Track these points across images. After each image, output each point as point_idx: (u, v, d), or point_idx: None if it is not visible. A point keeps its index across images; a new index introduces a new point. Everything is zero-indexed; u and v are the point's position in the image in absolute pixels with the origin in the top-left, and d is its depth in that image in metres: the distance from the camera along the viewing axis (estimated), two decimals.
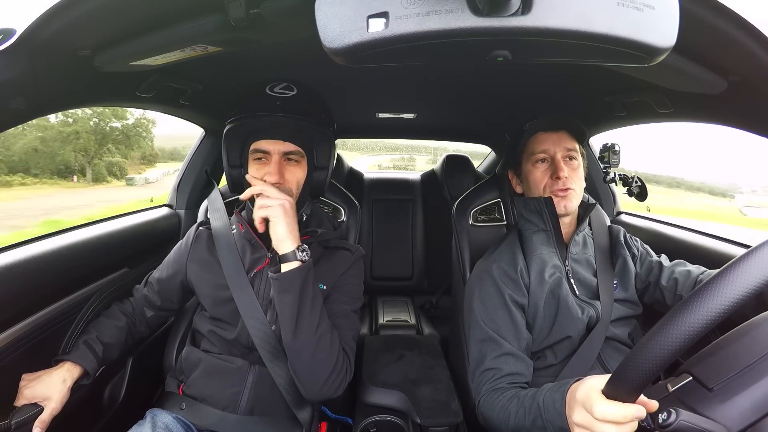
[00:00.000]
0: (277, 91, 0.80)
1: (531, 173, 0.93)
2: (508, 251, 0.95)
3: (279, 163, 0.82)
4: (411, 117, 1.68)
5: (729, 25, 0.53)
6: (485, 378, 0.84)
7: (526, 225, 0.96)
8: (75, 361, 0.80)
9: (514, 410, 0.72)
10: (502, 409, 0.75)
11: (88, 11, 0.53)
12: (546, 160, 0.91)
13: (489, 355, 0.85)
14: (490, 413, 0.78)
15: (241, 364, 0.84)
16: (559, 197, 0.89)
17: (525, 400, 0.71)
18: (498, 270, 0.91)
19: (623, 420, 0.45)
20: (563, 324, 0.86)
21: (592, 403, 0.48)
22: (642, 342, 0.41)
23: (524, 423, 0.69)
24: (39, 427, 0.72)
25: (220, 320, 0.87)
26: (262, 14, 0.55)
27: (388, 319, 1.64)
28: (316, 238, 0.90)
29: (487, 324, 0.88)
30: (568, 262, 0.91)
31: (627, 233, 1.01)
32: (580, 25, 0.39)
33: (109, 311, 0.94)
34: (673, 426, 0.43)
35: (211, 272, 0.88)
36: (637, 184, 1.12)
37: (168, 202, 1.39)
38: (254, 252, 0.88)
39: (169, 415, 0.82)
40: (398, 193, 2.16)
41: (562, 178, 0.88)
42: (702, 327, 0.37)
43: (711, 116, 0.85)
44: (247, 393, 0.83)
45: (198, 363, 0.87)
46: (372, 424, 0.90)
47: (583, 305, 0.87)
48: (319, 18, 0.41)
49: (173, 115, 1.16)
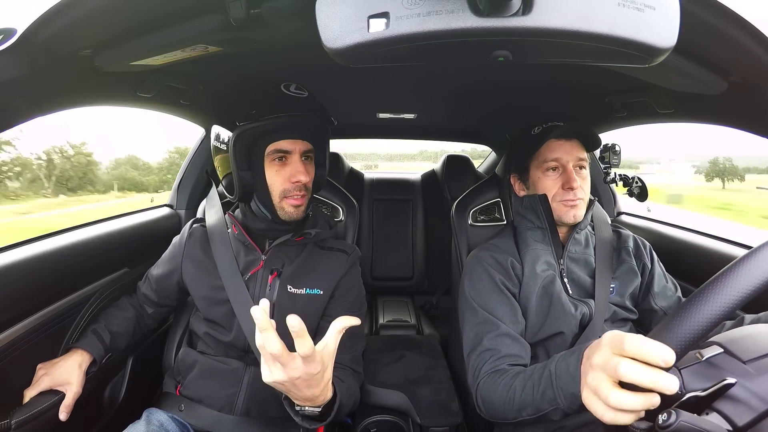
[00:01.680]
0: (293, 91, 0.80)
1: (541, 181, 0.90)
2: (501, 243, 0.95)
3: (302, 162, 0.82)
4: (411, 117, 1.68)
5: (730, 26, 0.53)
6: (483, 359, 0.80)
7: (522, 222, 0.96)
8: (83, 348, 0.83)
9: (521, 385, 0.68)
10: (506, 387, 0.71)
11: (89, 11, 0.53)
12: (557, 168, 0.89)
13: (486, 336, 0.82)
14: (492, 394, 0.74)
15: (237, 366, 0.84)
16: (569, 207, 0.88)
17: (534, 372, 0.67)
18: (490, 258, 0.91)
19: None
20: (555, 319, 0.85)
21: (617, 362, 0.43)
22: (690, 300, 0.40)
23: (532, 397, 0.64)
24: (65, 411, 0.75)
25: (214, 322, 0.87)
26: (262, 14, 0.55)
27: (388, 319, 1.64)
28: (311, 238, 0.90)
29: (481, 306, 0.86)
30: (563, 260, 0.91)
31: (643, 242, 0.97)
32: (581, 25, 0.39)
33: (119, 302, 0.96)
34: (673, 426, 0.43)
35: (205, 273, 0.88)
36: (638, 184, 1.12)
37: (168, 201, 1.39)
38: (248, 254, 0.88)
39: (165, 414, 0.83)
40: (399, 194, 2.16)
41: (575, 188, 0.86)
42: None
43: (712, 117, 0.85)
44: (243, 394, 0.83)
45: (194, 364, 0.87)
46: (372, 424, 0.90)
47: (576, 302, 0.87)
48: (320, 18, 0.41)
49: (174, 115, 1.16)
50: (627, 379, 0.42)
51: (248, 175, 0.81)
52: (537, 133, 0.90)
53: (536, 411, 0.64)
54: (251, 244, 0.88)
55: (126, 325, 0.92)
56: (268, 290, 0.85)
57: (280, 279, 0.85)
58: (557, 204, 0.89)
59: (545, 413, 0.63)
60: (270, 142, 0.79)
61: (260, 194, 0.83)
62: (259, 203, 0.85)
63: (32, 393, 0.75)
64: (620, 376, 0.43)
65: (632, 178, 1.13)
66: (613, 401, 0.43)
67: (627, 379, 0.42)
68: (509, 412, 0.70)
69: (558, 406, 0.60)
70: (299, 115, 0.79)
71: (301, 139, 0.82)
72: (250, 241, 0.88)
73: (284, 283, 0.85)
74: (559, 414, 0.61)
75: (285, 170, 0.81)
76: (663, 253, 0.98)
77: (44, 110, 0.68)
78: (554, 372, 0.61)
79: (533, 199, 0.91)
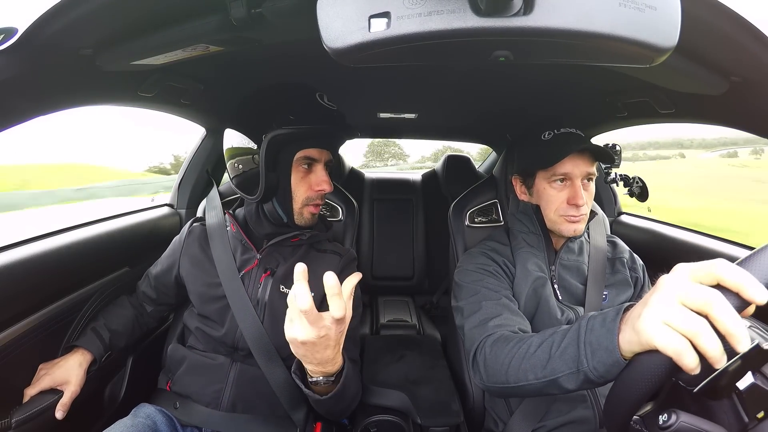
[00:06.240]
0: (326, 102, 0.82)
1: (546, 191, 0.87)
2: (495, 245, 0.96)
3: (325, 171, 0.85)
4: (412, 117, 1.68)
5: (731, 26, 0.53)
6: (489, 327, 0.74)
7: (516, 224, 0.95)
8: (83, 347, 0.84)
9: (537, 341, 0.61)
10: (519, 342, 0.64)
11: (90, 10, 0.53)
12: (564, 180, 0.85)
13: (486, 305, 0.79)
14: (500, 350, 0.68)
15: (223, 361, 0.85)
16: (570, 223, 0.84)
17: (556, 331, 0.60)
18: (484, 256, 0.92)
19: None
20: (540, 322, 0.85)
21: (706, 291, 0.38)
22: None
23: (549, 355, 0.58)
24: (61, 410, 0.77)
25: (207, 318, 0.88)
26: (263, 14, 0.55)
27: (388, 319, 1.64)
28: (305, 240, 0.90)
29: (477, 283, 0.85)
30: (555, 267, 0.90)
31: (637, 258, 0.96)
32: (582, 25, 0.39)
33: (118, 301, 0.97)
34: (673, 427, 0.43)
35: (202, 270, 0.89)
36: (638, 184, 1.12)
37: (169, 201, 1.39)
38: (244, 252, 0.89)
39: (153, 407, 0.83)
40: (399, 193, 2.16)
41: (580, 205, 0.82)
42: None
43: (713, 117, 0.85)
44: (229, 390, 0.83)
45: (183, 360, 0.88)
46: (372, 424, 0.90)
47: (563, 308, 0.86)
48: (321, 18, 0.41)
49: (174, 115, 1.16)
50: (719, 312, 0.37)
51: (273, 176, 0.81)
52: (548, 139, 0.84)
53: (545, 375, 0.58)
54: (248, 242, 0.89)
55: (125, 323, 0.94)
56: (260, 288, 0.85)
57: (273, 278, 0.86)
58: (558, 218, 0.86)
59: (551, 381, 0.57)
60: (301, 148, 0.80)
61: (281, 197, 0.83)
62: (278, 206, 0.85)
63: (32, 392, 0.75)
64: (705, 303, 0.38)
65: (633, 178, 1.13)
66: (691, 320, 0.38)
67: (719, 312, 0.37)
68: (513, 373, 0.63)
69: (578, 368, 0.53)
70: (333, 127, 0.81)
71: (328, 149, 0.84)
72: (246, 240, 0.89)
73: (276, 283, 0.86)
74: (568, 383, 0.55)
75: (309, 177, 0.83)
76: (663, 253, 0.98)
77: (45, 110, 0.69)
78: (585, 326, 0.54)
79: (526, 205, 0.91)
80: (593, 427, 0.81)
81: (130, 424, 0.77)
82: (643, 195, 1.12)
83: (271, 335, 0.82)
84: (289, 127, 0.77)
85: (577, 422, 0.82)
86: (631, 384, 0.43)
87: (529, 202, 0.91)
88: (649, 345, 0.41)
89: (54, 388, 0.77)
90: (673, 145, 72.16)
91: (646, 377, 0.41)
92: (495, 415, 0.94)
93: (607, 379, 0.50)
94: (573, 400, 0.83)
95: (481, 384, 0.72)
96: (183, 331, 0.98)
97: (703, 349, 0.37)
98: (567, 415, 0.83)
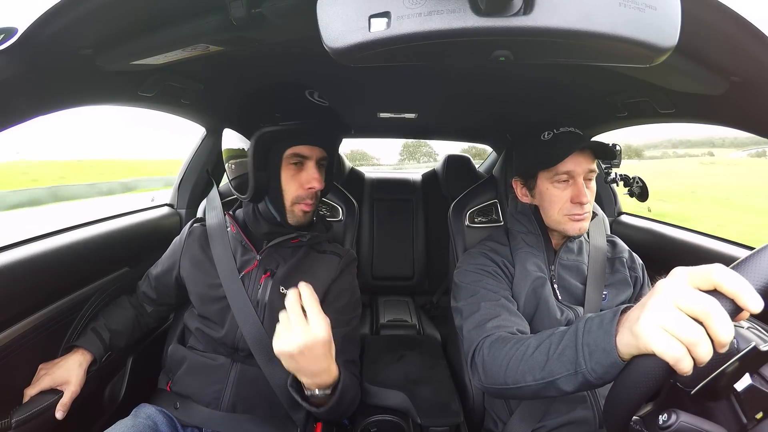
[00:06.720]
0: (316, 98, 0.81)
1: (549, 191, 0.86)
2: (494, 243, 0.96)
3: (317, 169, 0.84)
4: (412, 117, 1.68)
5: (731, 26, 0.53)
6: (487, 328, 0.75)
7: (515, 224, 0.95)
8: (83, 347, 0.85)
9: (535, 342, 0.62)
10: (517, 344, 0.65)
11: (90, 10, 0.53)
12: (567, 180, 0.84)
13: (485, 306, 0.79)
14: (498, 351, 0.68)
15: (224, 362, 0.85)
16: (575, 221, 0.84)
17: (554, 333, 0.61)
18: (484, 253, 0.92)
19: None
20: (539, 322, 0.85)
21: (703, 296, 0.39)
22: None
23: (546, 357, 0.58)
24: (61, 410, 0.77)
25: (207, 318, 0.88)
26: (263, 13, 0.55)
27: (388, 318, 1.64)
28: (305, 241, 0.90)
29: (476, 284, 0.85)
30: (554, 267, 0.90)
31: (637, 258, 0.96)
32: (582, 25, 0.39)
33: (118, 301, 0.97)
34: (673, 427, 0.43)
35: (203, 270, 0.89)
36: (638, 184, 1.12)
37: (169, 201, 1.39)
38: (244, 253, 0.89)
39: (154, 408, 0.84)
40: (399, 193, 2.16)
41: (584, 203, 0.82)
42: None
43: (713, 117, 0.85)
44: (229, 390, 0.83)
45: (183, 360, 0.88)
46: (372, 424, 0.90)
47: (563, 308, 0.86)
48: (321, 17, 0.41)
49: (174, 115, 1.16)
50: (716, 324, 0.38)
51: (263, 175, 0.81)
52: (548, 138, 0.84)
53: (543, 377, 0.58)
54: (248, 243, 0.89)
55: (125, 323, 0.94)
56: (260, 289, 0.85)
57: (272, 279, 0.86)
58: (563, 217, 0.85)
59: (549, 383, 0.58)
60: (290, 146, 0.80)
61: (272, 196, 0.83)
62: (270, 205, 0.85)
63: (32, 392, 0.75)
64: (703, 312, 0.38)
65: (633, 178, 1.13)
66: (689, 328, 0.39)
67: (716, 324, 0.38)
68: (511, 374, 0.63)
69: (576, 369, 0.53)
70: (323, 123, 0.80)
71: (319, 146, 0.83)
72: (246, 240, 0.89)
73: (276, 284, 0.86)
74: (566, 385, 0.56)
75: (300, 175, 0.82)
76: (663, 253, 0.98)
77: (45, 109, 0.69)
78: (582, 327, 0.54)
79: (527, 206, 0.91)
80: (593, 428, 0.81)
81: (131, 425, 0.77)
82: (643, 195, 1.12)
83: (271, 336, 0.81)
84: (276, 125, 0.76)
85: (576, 422, 0.82)
86: (630, 385, 0.44)
87: (527, 204, 0.91)
88: (646, 349, 0.42)
89: (54, 388, 0.77)
90: (705, 144, 71.46)
91: (645, 379, 0.42)
92: (495, 415, 0.94)
93: (605, 381, 0.50)
94: (573, 401, 0.83)
95: (480, 385, 0.72)
96: (183, 331, 0.98)
97: (698, 357, 0.39)
98: (567, 415, 0.82)
